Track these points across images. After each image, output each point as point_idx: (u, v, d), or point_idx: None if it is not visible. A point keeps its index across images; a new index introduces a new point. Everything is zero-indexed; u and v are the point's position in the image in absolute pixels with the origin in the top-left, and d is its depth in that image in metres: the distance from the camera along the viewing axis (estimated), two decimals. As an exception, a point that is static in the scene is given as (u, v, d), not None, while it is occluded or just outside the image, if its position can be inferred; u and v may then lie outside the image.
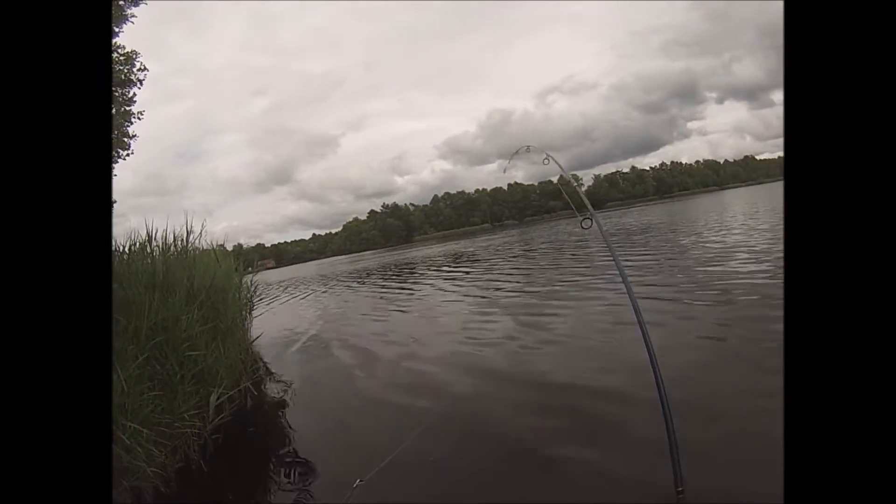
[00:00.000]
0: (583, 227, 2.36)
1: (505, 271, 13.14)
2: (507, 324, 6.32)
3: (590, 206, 2.41)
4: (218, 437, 3.56)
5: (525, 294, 8.61)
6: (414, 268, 20.58)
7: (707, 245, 10.86)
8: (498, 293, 9.18)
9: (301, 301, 14.68)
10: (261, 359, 6.20)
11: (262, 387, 5.21)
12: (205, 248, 5.71)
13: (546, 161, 2.75)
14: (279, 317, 11.46)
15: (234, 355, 4.73)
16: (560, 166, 2.75)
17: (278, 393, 5.05)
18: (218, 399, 3.77)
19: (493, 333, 5.91)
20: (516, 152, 2.98)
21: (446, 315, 7.88)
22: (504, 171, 2.99)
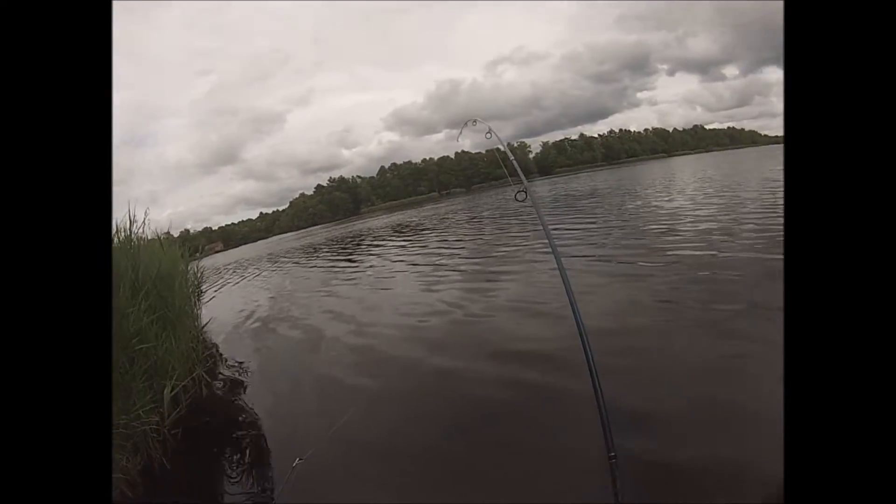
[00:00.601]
0: (517, 200, 2.43)
1: (449, 240, 13.27)
2: (452, 292, 6.40)
3: (524, 180, 2.50)
4: (177, 431, 3.51)
5: (470, 261, 8.74)
6: (360, 240, 20.46)
7: (654, 209, 11.19)
8: (441, 261, 9.27)
9: (248, 283, 14.36)
10: (213, 345, 6.10)
11: (216, 374, 5.13)
12: (150, 237, 5.51)
13: (489, 135, 2.78)
14: (227, 301, 11.21)
15: (186, 344, 4.63)
16: (501, 140, 2.86)
17: (231, 378, 5.00)
18: (173, 391, 3.70)
19: (438, 303, 5.96)
20: (464, 125, 3.01)
21: (390, 288, 7.92)
22: (458, 140, 3.01)
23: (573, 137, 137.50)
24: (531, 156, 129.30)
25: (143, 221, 5.19)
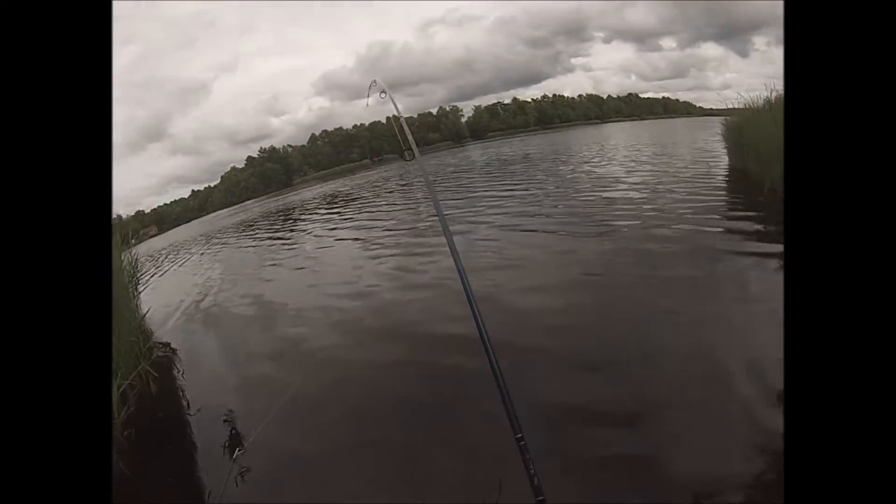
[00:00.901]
0: (405, 160, 2.57)
1: (380, 209, 13.23)
2: (376, 268, 6.43)
3: (414, 147, 2.58)
4: (129, 432, 3.40)
5: (396, 233, 8.74)
6: (290, 214, 20.14)
7: (585, 174, 11.42)
8: (371, 235, 9.19)
9: (181, 269, 13.80)
10: (156, 337, 5.89)
11: (161, 366, 4.97)
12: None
13: (383, 95, 2.75)
14: (163, 288, 10.78)
15: (127, 338, 4.46)
16: (396, 105, 2.79)
17: (174, 370, 4.88)
18: (120, 389, 3.57)
19: (362, 281, 5.96)
20: (369, 88, 2.93)
21: (319, 266, 7.83)
22: (367, 105, 2.94)
23: (506, 101, 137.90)
24: (463, 119, 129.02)
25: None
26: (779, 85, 6.73)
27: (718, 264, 4.22)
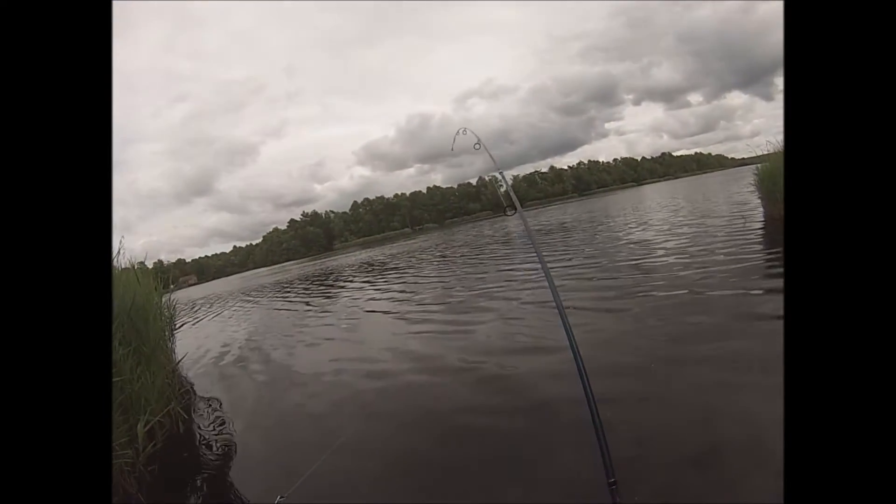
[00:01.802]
0: (507, 214, 2.67)
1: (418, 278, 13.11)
2: (402, 345, 6.02)
3: (516, 202, 2.67)
4: (153, 467, 3.37)
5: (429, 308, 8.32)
6: (326, 279, 20.16)
7: (622, 243, 11.35)
8: (403, 307, 8.80)
9: (212, 322, 13.99)
10: (187, 380, 5.93)
11: (192, 410, 4.97)
12: (124, 266, 5.39)
13: (477, 146, 2.88)
14: (200, 336, 10.94)
15: (161, 379, 4.50)
16: (492, 157, 2.91)
17: (208, 415, 4.83)
18: (147, 426, 3.58)
19: (383, 361, 5.55)
20: (456, 133, 3.03)
21: (346, 338, 7.53)
22: (452, 149, 3.00)
23: (543, 170, 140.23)
24: (502, 189, 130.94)
25: (119, 251, 5.09)
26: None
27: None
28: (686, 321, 4.55)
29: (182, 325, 11.87)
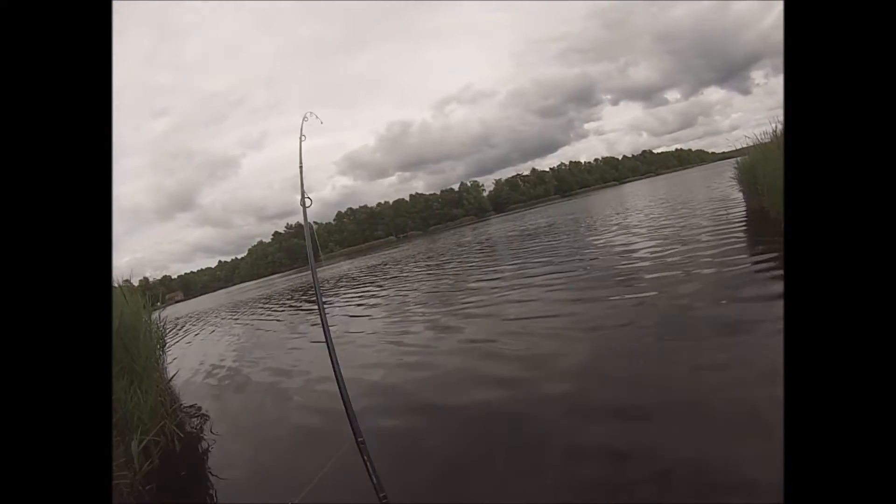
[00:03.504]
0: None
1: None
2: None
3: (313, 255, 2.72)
4: (151, 486, 3.33)
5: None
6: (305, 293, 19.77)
7: (606, 243, 11.34)
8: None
9: (209, 335, 13.88)
10: (178, 398, 5.84)
11: (186, 426, 4.91)
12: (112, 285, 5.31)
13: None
14: (190, 353, 10.79)
15: (154, 397, 4.45)
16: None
17: (201, 431, 4.78)
18: (141, 444, 3.53)
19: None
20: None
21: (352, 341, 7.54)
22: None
23: (525, 173, 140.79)
24: (485, 194, 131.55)
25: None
26: (781, 116, 6.60)
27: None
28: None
29: (173, 343, 11.71)
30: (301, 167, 2.81)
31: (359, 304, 11.19)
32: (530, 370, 3.95)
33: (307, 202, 2.71)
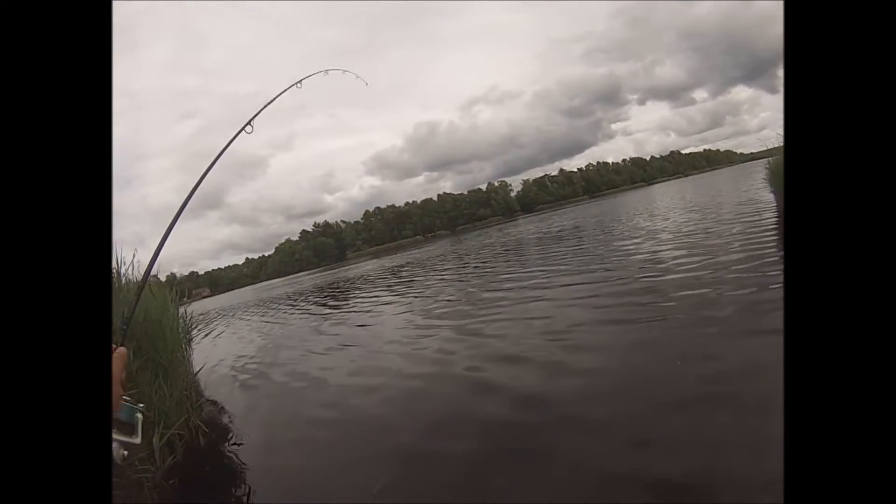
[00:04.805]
0: None
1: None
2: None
3: None
4: (174, 480, 3.28)
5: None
6: (346, 290, 19.48)
7: (635, 248, 11.05)
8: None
9: (235, 330, 14.01)
10: (203, 393, 5.84)
11: (214, 423, 4.88)
12: (138, 280, 5.32)
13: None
14: (217, 347, 10.87)
15: (179, 391, 4.43)
16: None
17: (227, 426, 4.74)
18: (164, 439, 3.49)
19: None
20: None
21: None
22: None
23: (553, 173, 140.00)
24: (513, 194, 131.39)
25: (132, 263, 5.05)
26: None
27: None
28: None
29: (201, 337, 11.85)
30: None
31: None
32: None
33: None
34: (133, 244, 5.25)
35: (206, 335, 13.58)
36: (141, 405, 1.24)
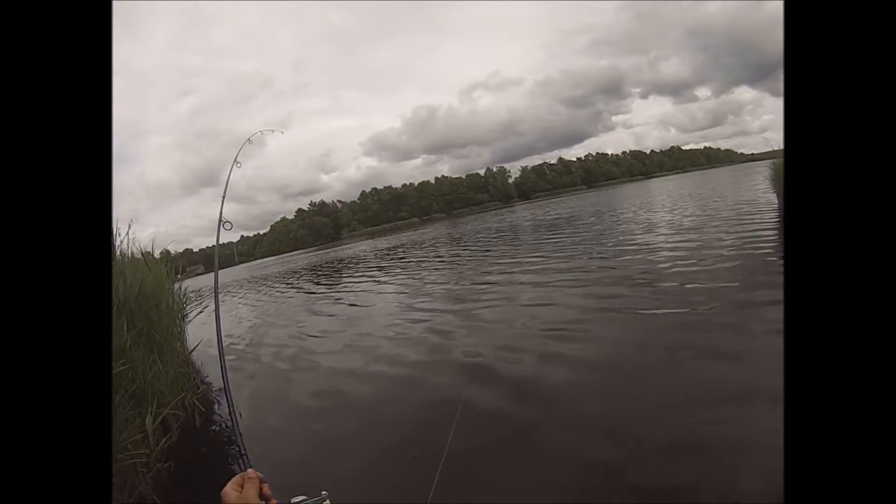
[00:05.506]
0: None
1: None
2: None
3: None
4: (170, 463, 3.12)
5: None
6: (340, 270, 19.25)
7: (632, 244, 10.89)
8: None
9: (232, 307, 13.88)
10: (199, 371, 5.66)
11: (210, 401, 4.72)
12: (133, 255, 5.16)
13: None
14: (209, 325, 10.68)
15: (175, 368, 4.27)
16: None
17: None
18: (157, 419, 3.31)
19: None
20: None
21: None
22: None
23: (552, 162, 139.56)
24: (511, 180, 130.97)
25: (126, 236, 4.90)
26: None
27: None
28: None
29: (194, 315, 11.68)
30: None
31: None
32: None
33: (227, 226, 2.65)
34: (128, 220, 5.25)
35: (200, 312, 13.44)
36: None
